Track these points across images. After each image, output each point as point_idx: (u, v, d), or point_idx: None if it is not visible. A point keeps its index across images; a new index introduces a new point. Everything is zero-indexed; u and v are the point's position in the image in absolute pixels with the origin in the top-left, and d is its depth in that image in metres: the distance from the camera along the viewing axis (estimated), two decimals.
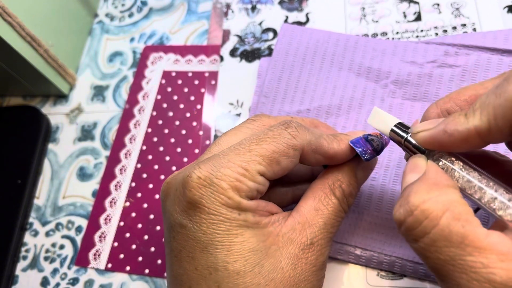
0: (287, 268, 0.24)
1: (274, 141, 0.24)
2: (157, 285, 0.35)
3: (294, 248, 0.24)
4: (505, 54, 0.34)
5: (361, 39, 0.38)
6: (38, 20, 0.40)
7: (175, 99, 0.42)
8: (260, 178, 0.24)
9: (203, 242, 0.23)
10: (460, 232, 0.19)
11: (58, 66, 0.42)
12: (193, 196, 0.23)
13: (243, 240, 0.23)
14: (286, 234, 0.24)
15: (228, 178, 0.23)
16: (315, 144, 0.25)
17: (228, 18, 0.44)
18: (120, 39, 0.46)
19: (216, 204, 0.23)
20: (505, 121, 0.19)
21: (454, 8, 0.39)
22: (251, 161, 0.24)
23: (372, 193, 0.33)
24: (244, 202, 0.23)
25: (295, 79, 0.38)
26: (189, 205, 0.23)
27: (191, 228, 0.24)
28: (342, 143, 0.26)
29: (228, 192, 0.23)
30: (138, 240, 0.37)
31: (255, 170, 0.24)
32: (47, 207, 0.40)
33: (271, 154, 0.24)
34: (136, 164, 0.40)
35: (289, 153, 0.25)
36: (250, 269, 0.23)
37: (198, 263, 0.23)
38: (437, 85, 0.35)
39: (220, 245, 0.23)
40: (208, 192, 0.23)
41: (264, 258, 0.23)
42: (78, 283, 0.36)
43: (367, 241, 0.31)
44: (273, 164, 0.24)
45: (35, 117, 0.43)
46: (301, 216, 0.25)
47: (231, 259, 0.23)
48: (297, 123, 0.26)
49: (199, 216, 0.23)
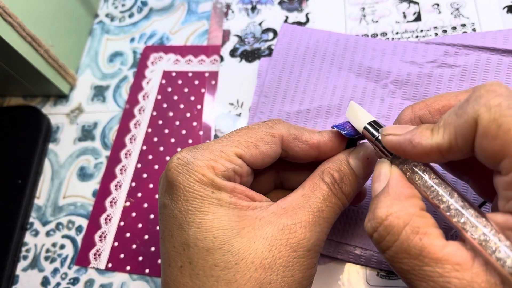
0: (262, 248, 0.23)
1: (252, 129, 0.26)
2: (157, 285, 0.35)
3: (271, 229, 0.24)
4: (504, 54, 0.34)
5: (361, 39, 0.38)
6: (39, 20, 0.40)
7: (175, 99, 0.42)
8: (236, 159, 0.25)
9: (179, 219, 0.24)
10: (417, 245, 0.20)
11: (59, 66, 0.42)
12: (172, 175, 0.24)
13: (214, 218, 0.24)
14: (265, 218, 0.24)
15: (205, 157, 0.25)
16: (294, 132, 0.27)
17: (228, 18, 0.44)
18: (120, 39, 0.46)
19: (190, 181, 0.24)
20: (464, 141, 0.20)
21: (454, 8, 0.39)
22: (228, 144, 0.25)
23: None
24: (218, 180, 0.24)
25: (295, 79, 0.38)
26: (169, 184, 0.25)
27: (169, 206, 0.25)
28: (325, 133, 0.27)
29: (203, 169, 0.24)
30: (138, 240, 0.37)
31: (232, 151, 0.25)
32: (47, 207, 0.40)
33: (249, 139, 0.26)
34: (136, 164, 0.40)
35: (266, 138, 0.26)
36: (219, 246, 0.23)
37: (175, 241, 0.24)
38: (437, 85, 0.35)
39: (192, 222, 0.24)
40: (184, 170, 0.24)
41: (235, 237, 0.23)
42: (78, 283, 0.36)
43: (367, 241, 0.31)
44: (251, 147, 0.25)
45: (36, 117, 0.43)
46: (286, 203, 0.25)
47: (201, 235, 0.23)
48: (278, 119, 0.27)
49: (176, 194, 0.24)
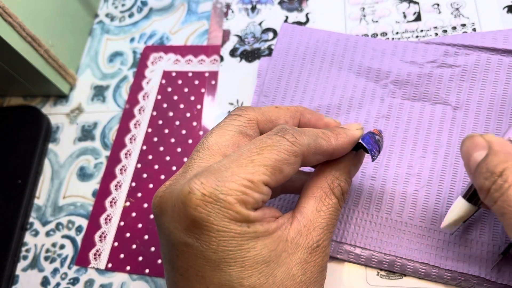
0: (298, 274, 0.24)
1: (274, 149, 0.24)
2: (157, 285, 0.35)
3: (302, 253, 0.24)
4: (504, 54, 0.34)
5: (361, 39, 0.38)
6: (39, 20, 0.40)
7: (175, 99, 0.42)
8: (265, 189, 0.23)
9: (214, 261, 0.22)
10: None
11: (59, 66, 0.42)
12: (199, 215, 0.22)
13: (256, 253, 0.23)
14: (294, 239, 0.24)
15: (234, 192, 0.22)
16: (314, 146, 0.25)
17: (228, 18, 0.44)
18: (120, 39, 0.46)
19: (225, 221, 0.22)
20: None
21: (454, 8, 0.39)
22: (255, 172, 0.23)
23: (372, 193, 0.33)
24: (252, 214, 0.23)
25: (295, 79, 0.38)
26: (195, 223, 0.22)
27: (198, 247, 0.22)
28: (340, 137, 0.27)
29: (236, 206, 0.22)
30: (138, 240, 0.37)
31: (260, 181, 0.23)
32: (47, 207, 0.40)
33: (273, 163, 0.24)
34: (136, 164, 0.40)
35: (290, 160, 0.24)
36: (265, 281, 0.23)
37: (210, 282, 0.23)
38: (437, 85, 0.35)
39: (234, 262, 0.22)
40: (216, 209, 0.22)
41: (276, 267, 0.23)
42: (78, 283, 0.36)
43: (367, 241, 0.31)
44: (276, 173, 0.24)
45: (36, 117, 0.43)
46: (304, 218, 0.25)
47: (246, 274, 0.23)
48: (293, 129, 0.25)
49: (207, 235, 0.22)
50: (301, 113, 0.29)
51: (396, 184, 0.32)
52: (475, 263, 0.29)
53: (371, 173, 0.33)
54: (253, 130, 0.27)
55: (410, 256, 0.30)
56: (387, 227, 0.31)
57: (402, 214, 0.32)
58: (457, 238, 0.30)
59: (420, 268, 0.30)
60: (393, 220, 0.31)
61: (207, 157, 0.25)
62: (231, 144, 0.26)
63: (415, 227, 0.31)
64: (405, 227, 0.31)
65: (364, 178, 0.33)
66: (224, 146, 0.25)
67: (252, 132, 0.27)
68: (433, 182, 0.32)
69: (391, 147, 0.34)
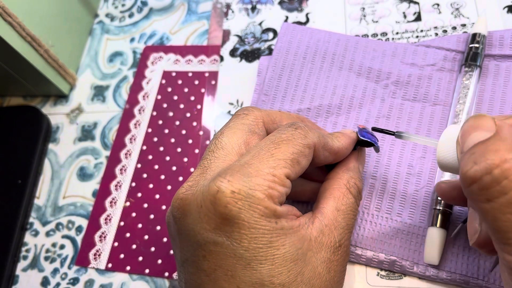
0: (324, 272, 0.24)
1: (291, 142, 0.25)
2: (157, 285, 0.35)
3: (326, 252, 0.25)
4: (500, 59, 0.35)
5: (362, 40, 0.38)
6: (39, 20, 0.40)
7: (175, 99, 0.42)
8: (287, 181, 0.24)
9: (245, 259, 0.22)
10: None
11: (59, 66, 0.42)
12: (230, 212, 0.22)
13: (285, 251, 0.23)
14: (318, 238, 0.25)
15: (262, 187, 0.23)
16: (323, 140, 0.26)
17: (228, 18, 0.44)
18: (120, 39, 0.46)
19: (256, 217, 0.22)
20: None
21: (454, 8, 0.39)
22: (276, 166, 0.24)
23: (372, 192, 0.33)
24: (278, 208, 0.23)
25: (295, 78, 0.38)
26: (225, 222, 0.22)
27: (229, 245, 0.22)
28: (340, 139, 0.28)
29: (265, 201, 0.23)
30: (138, 240, 0.37)
31: (282, 174, 0.24)
32: (47, 207, 0.40)
33: (292, 155, 0.24)
34: (136, 164, 0.40)
35: (305, 152, 0.25)
36: (294, 279, 0.23)
37: (241, 281, 0.23)
38: (437, 87, 0.35)
39: (264, 260, 0.23)
40: (246, 205, 0.22)
41: (303, 266, 0.24)
42: (78, 283, 0.36)
43: (367, 241, 0.31)
44: (295, 165, 0.24)
45: (36, 117, 0.43)
46: (325, 217, 0.26)
47: (276, 272, 0.23)
48: (302, 123, 0.26)
49: (238, 232, 0.22)
50: (301, 120, 0.31)
51: (396, 184, 0.32)
52: (474, 264, 0.29)
53: (372, 172, 0.33)
54: (261, 129, 0.28)
55: (410, 257, 0.30)
56: (388, 227, 0.31)
57: (402, 214, 0.32)
58: (457, 240, 0.30)
59: (420, 269, 0.30)
60: (394, 220, 0.32)
61: (223, 157, 0.26)
62: (242, 142, 0.26)
63: (415, 227, 0.31)
64: (406, 227, 0.31)
65: (364, 178, 0.33)
66: (237, 145, 0.26)
67: (260, 131, 0.27)
68: (433, 183, 0.32)
69: (391, 147, 0.34)
